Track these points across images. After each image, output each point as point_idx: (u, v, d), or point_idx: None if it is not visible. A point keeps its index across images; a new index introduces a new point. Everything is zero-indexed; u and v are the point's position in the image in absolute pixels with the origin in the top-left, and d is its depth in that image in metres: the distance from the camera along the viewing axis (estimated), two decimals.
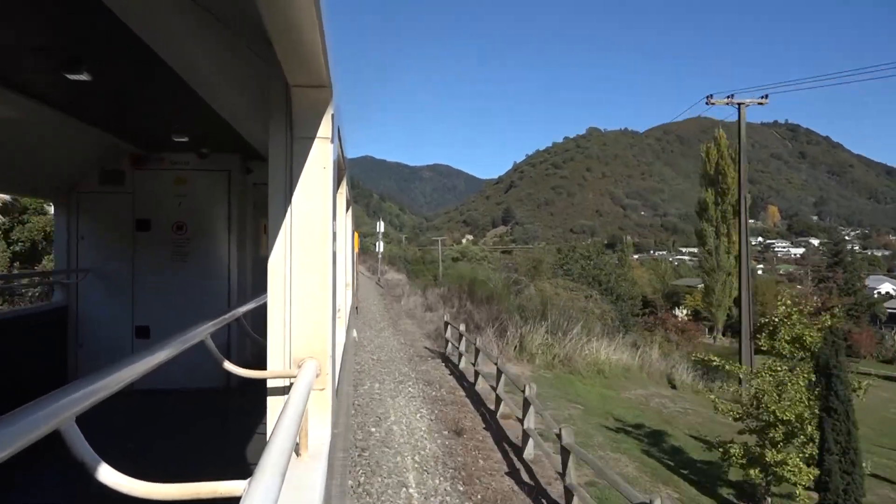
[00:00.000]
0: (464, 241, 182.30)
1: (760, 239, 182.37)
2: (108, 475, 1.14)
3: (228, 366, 2.24)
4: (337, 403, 2.29)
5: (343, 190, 4.60)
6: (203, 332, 2.09)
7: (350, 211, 6.33)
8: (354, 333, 7.94)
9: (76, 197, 5.54)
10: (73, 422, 1.05)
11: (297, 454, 1.73)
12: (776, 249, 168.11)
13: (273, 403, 1.96)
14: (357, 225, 10.39)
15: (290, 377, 1.91)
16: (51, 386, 1.09)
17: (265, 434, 1.67)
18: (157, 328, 5.57)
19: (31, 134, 4.10)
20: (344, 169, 4.15)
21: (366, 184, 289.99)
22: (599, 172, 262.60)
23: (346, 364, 4.03)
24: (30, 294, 11.05)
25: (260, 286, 5.53)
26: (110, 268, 5.62)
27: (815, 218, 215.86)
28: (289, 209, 1.91)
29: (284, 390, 1.94)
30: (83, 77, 2.88)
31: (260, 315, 3.05)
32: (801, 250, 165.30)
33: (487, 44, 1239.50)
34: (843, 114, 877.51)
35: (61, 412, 1.00)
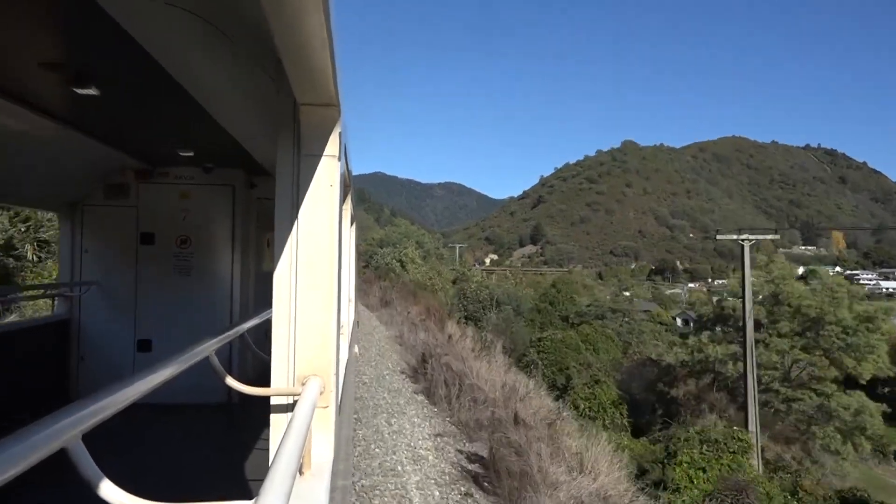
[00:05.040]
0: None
1: (839, 269, 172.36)
2: (113, 494, 1.26)
3: (232, 382, 2.42)
4: (339, 420, 2.45)
5: (348, 205, 4.85)
6: (208, 348, 2.27)
7: (354, 226, 6.60)
8: (356, 349, 8.14)
9: (81, 210, 5.97)
10: (79, 440, 1.16)
11: (300, 473, 1.86)
12: (862, 282, 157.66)
13: (276, 421, 2.11)
14: (362, 236, 10.65)
15: (293, 395, 2.07)
16: (52, 399, 1.24)
17: (267, 450, 1.82)
18: (160, 342, 5.93)
19: (37, 147, 4.45)
20: (349, 185, 4.39)
21: (377, 199, 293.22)
22: (640, 188, 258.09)
23: (347, 379, 4.21)
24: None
25: (262, 301, 5.80)
26: (114, 281, 6.00)
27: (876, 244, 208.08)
28: (295, 226, 2.08)
29: (288, 408, 2.10)
30: (92, 92, 3.14)
31: (262, 330, 3.25)
32: (893, 284, 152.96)
33: (500, 63, 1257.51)
34: (881, 138, 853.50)
35: (68, 430, 1.11)
